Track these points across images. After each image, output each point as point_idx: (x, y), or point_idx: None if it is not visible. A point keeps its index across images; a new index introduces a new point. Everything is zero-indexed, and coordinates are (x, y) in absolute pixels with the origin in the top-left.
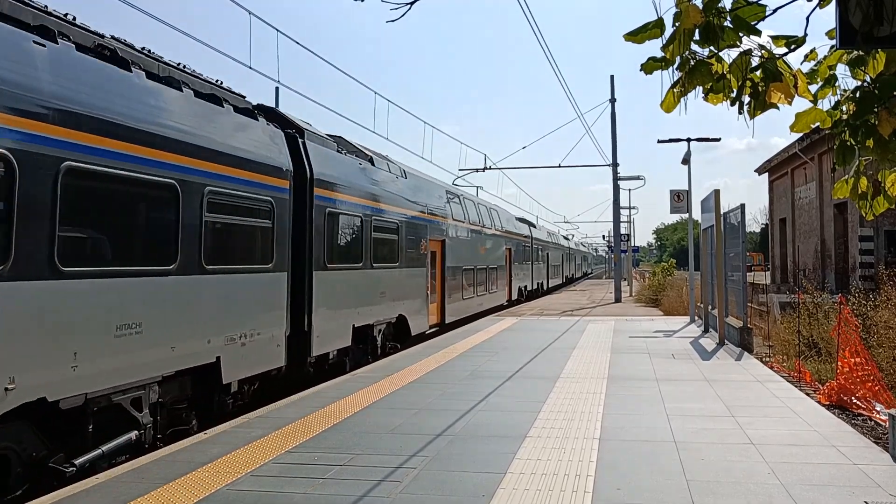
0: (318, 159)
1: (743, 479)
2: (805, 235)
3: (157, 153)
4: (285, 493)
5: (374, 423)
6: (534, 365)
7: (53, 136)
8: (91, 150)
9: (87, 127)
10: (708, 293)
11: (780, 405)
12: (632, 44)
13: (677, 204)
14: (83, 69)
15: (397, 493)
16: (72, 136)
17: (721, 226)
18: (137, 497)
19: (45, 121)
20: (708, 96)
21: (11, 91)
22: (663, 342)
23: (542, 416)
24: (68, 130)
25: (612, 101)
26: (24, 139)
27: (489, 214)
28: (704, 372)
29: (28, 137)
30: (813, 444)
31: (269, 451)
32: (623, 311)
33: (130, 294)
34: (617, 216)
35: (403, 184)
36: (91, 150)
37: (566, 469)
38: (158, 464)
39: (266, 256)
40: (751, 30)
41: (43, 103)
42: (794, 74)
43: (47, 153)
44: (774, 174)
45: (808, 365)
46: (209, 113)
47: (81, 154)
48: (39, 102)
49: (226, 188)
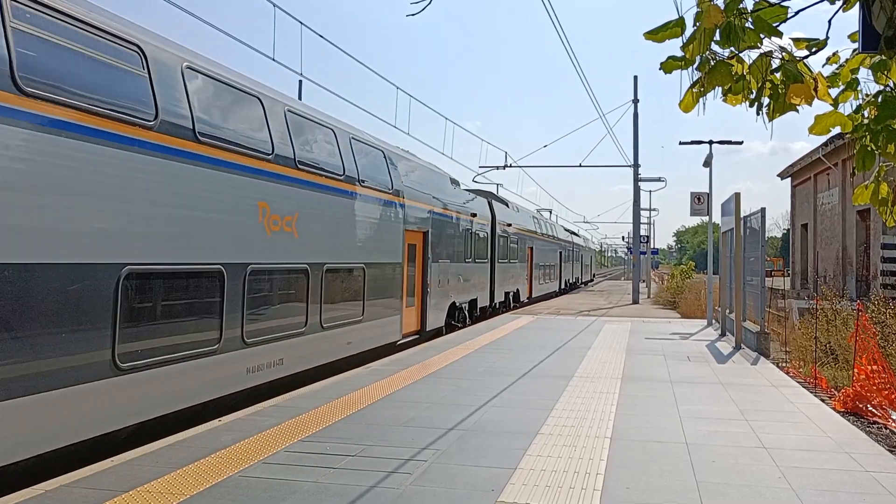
0: (497, 209)
1: (753, 482)
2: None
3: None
4: (296, 482)
5: (387, 416)
6: (548, 363)
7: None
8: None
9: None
10: (726, 297)
11: (794, 410)
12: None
13: (698, 206)
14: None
15: (407, 484)
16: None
17: (741, 229)
18: (152, 480)
19: (505, 226)
20: (727, 97)
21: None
22: (679, 344)
23: (555, 414)
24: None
25: (635, 101)
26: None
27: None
28: (719, 375)
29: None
30: (826, 449)
31: (281, 439)
32: (640, 312)
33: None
34: (637, 217)
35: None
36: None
37: (576, 466)
38: (173, 448)
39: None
40: (772, 31)
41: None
42: (815, 77)
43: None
44: (797, 179)
45: (824, 371)
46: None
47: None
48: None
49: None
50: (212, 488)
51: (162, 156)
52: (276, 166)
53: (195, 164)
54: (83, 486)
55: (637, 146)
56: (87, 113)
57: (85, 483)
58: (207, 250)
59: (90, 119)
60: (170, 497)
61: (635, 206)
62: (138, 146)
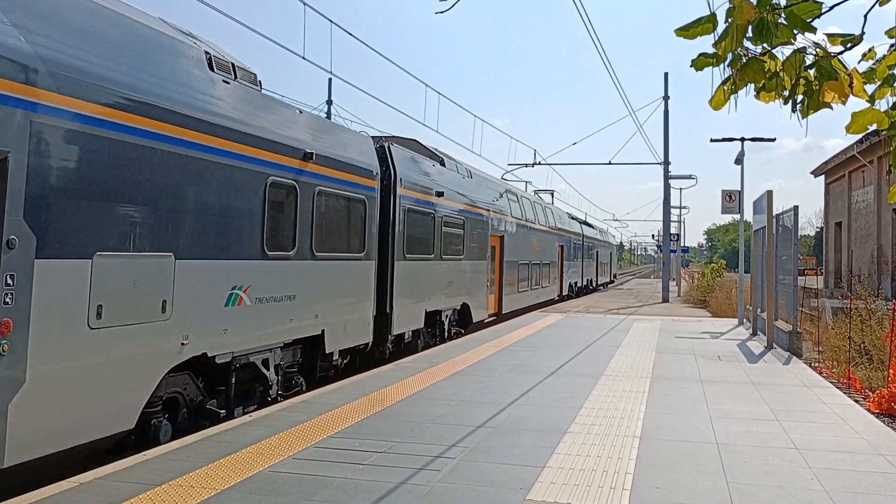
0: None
1: (785, 483)
2: (861, 240)
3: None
4: (326, 477)
5: (416, 413)
6: (577, 361)
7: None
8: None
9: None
10: (758, 296)
11: (827, 411)
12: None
13: (729, 204)
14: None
15: (436, 481)
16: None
17: (773, 228)
18: (185, 473)
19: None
20: (760, 94)
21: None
22: (710, 344)
23: (583, 413)
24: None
25: (666, 98)
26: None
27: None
28: (750, 375)
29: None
30: (860, 451)
31: (311, 435)
32: (670, 311)
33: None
34: (667, 215)
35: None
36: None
37: (605, 465)
38: (204, 443)
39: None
40: (806, 27)
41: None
42: (850, 74)
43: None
44: (831, 177)
45: (858, 372)
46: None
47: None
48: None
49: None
50: (243, 483)
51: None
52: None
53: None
54: (117, 479)
55: (667, 143)
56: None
57: (118, 476)
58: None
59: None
60: (202, 491)
61: (665, 204)
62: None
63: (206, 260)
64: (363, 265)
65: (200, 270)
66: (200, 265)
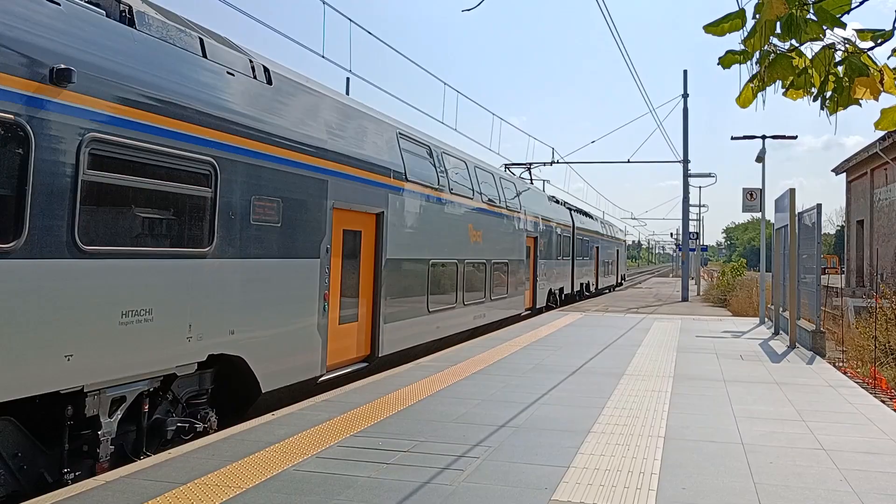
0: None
1: (813, 484)
2: (884, 238)
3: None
4: (350, 476)
5: (439, 412)
6: (598, 361)
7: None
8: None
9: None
10: (779, 294)
11: (853, 411)
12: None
13: (750, 202)
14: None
15: (460, 481)
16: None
17: (795, 226)
18: (209, 472)
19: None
20: (788, 91)
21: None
22: (731, 343)
23: (606, 412)
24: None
25: (685, 96)
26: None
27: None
28: (774, 374)
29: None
30: (888, 452)
31: (334, 434)
32: (690, 310)
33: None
34: (686, 213)
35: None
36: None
37: (630, 466)
38: (228, 442)
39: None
40: (835, 22)
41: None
42: (881, 70)
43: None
44: (852, 174)
45: (884, 371)
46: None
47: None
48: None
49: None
50: (268, 482)
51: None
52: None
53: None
54: (143, 477)
55: (686, 141)
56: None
57: (144, 475)
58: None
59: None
60: (227, 490)
61: (684, 202)
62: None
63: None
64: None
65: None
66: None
